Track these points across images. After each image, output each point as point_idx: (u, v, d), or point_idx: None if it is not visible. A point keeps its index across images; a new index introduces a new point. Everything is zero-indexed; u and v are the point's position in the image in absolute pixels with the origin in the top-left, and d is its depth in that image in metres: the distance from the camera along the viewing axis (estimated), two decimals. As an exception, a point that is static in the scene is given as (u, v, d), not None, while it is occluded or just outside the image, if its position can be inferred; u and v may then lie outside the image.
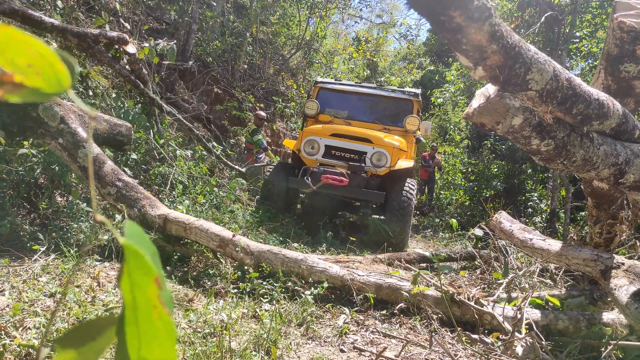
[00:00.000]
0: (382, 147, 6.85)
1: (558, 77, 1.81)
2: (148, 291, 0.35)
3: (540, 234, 3.80)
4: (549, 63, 1.76)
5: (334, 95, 8.28)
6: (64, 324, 2.53)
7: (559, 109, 1.92)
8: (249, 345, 2.65)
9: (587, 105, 2.00)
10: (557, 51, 11.61)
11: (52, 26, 4.70)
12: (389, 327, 3.30)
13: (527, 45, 1.67)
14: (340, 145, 6.93)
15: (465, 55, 1.56)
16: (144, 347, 0.38)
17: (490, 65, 1.60)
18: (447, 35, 1.48)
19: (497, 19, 1.50)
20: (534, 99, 1.83)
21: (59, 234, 4.23)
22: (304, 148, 7.01)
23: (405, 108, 8.05)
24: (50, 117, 4.40)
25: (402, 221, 6.49)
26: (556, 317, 3.30)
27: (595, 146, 2.24)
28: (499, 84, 1.73)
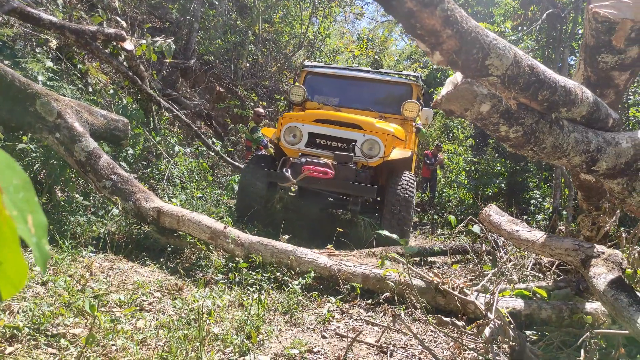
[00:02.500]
0: (374, 133, 6.01)
1: (519, 63, 1.85)
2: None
3: (526, 226, 3.83)
4: (509, 49, 1.81)
5: (323, 80, 7.43)
6: (50, 308, 2.60)
7: (523, 95, 1.97)
8: (231, 330, 2.71)
9: (552, 92, 2.04)
10: (560, 49, 11.59)
11: (50, 23, 4.80)
12: (373, 315, 3.36)
13: (485, 31, 1.72)
14: (326, 133, 6.10)
15: (421, 40, 1.61)
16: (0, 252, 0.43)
17: (447, 50, 1.65)
18: (401, 20, 1.53)
19: (450, 4, 1.55)
20: (496, 84, 1.87)
21: (56, 227, 4.32)
22: (284, 136, 6.16)
23: (404, 93, 7.18)
24: (48, 112, 4.49)
25: (401, 221, 5.74)
26: (539, 307, 3.33)
27: (565, 133, 2.27)
28: (459, 69, 1.78)
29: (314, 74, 7.47)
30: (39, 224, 0.49)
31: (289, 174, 5.65)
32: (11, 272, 0.46)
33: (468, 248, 5.39)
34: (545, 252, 3.44)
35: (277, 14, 13.91)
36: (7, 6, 4.46)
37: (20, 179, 0.47)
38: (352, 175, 5.75)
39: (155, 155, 6.47)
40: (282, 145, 6.20)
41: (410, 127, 7.02)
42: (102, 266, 3.78)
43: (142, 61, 6.23)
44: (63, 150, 4.49)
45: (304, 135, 6.10)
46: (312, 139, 6.12)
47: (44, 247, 0.49)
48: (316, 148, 6.09)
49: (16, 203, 0.46)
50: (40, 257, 0.49)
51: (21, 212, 0.46)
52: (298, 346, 2.65)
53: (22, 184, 0.47)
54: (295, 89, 7.08)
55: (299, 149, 6.11)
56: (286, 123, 6.20)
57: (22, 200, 0.47)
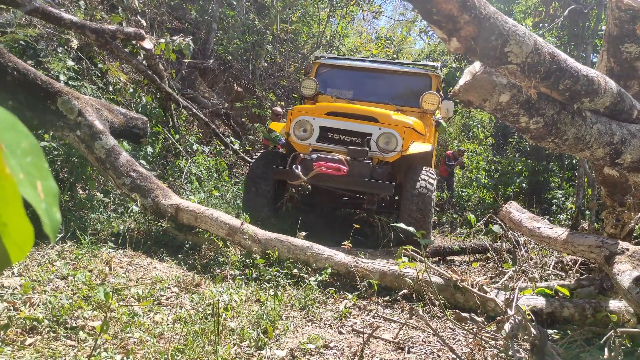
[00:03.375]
0: (391, 126, 5.58)
1: (540, 51, 1.81)
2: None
3: (548, 223, 3.76)
4: (529, 36, 1.77)
5: (336, 73, 6.97)
6: (69, 301, 2.63)
7: (544, 85, 1.92)
8: (247, 325, 2.71)
9: (574, 81, 1.98)
10: (582, 46, 11.38)
11: (71, 23, 4.87)
12: (391, 312, 3.32)
13: (504, 17, 1.68)
14: (339, 127, 5.67)
15: (437, 26, 1.58)
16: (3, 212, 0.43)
17: (465, 37, 1.62)
18: (417, 5, 1.50)
19: (468, -11, 1.52)
20: (516, 73, 1.83)
21: (77, 223, 4.38)
22: (294, 131, 5.75)
23: (422, 85, 6.69)
24: (69, 110, 4.55)
25: (420, 220, 5.31)
26: (561, 305, 3.26)
27: (588, 124, 2.22)
28: (477, 57, 1.74)
29: (327, 66, 7.05)
30: (49, 190, 0.48)
31: (299, 171, 5.29)
32: (16, 235, 0.45)
33: (488, 246, 5.31)
34: (568, 249, 3.37)
35: (295, 14, 13.94)
36: (29, 6, 4.53)
37: (28, 143, 0.46)
38: (368, 172, 5.37)
39: (174, 154, 6.52)
40: (292, 140, 5.83)
41: (429, 120, 6.60)
42: (121, 262, 3.82)
43: (161, 60, 6.30)
44: (84, 148, 4.55)
45: (315, 130, 5.71)
46: (324, 134, 5.73)
47: (54, 214, 0.48)
48: (328, 143, 5.71)
49: (24, 167, 0.45)
50: (50, 224, 0.48)
51: (29, 176, 0.45)
52: (314, 341, 2.63)
53: (31, 148, 0.46)
54: (307, 81, 6.67)
55: (310, 144, 5.73)
56: (296, 117, 5.79)
57: (30, 164, 0.46)
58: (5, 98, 4.39)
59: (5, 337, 2.23)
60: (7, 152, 0.43)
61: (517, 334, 2.23)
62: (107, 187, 5.43)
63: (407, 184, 5.58)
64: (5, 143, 0.44)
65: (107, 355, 2.15)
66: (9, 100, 4.40)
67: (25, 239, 0.45)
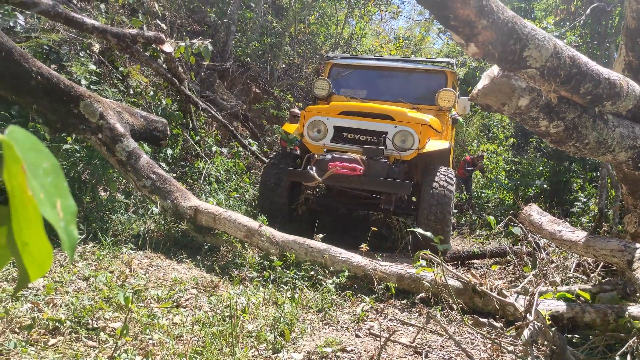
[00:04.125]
0: (407, 124, 5.48)
1: (559, 55, 1.78)
2: (18, 177, 0.42)
3: (569, 226, 3.70)
4: (549, 40, 1.75)
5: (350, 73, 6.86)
6: (91, 302, 2.68)
7: (564, 88, 1.90)
8: (264, 327, 2.72)
9: (595, 85, 1.95)
10: (605, 44, 11.16)
11: (92, 27, 4.96)
12: (408, 315, 3.31)
13: (522, 21, 1.66)
14: (353, 126, 5.59)
15: (455, 31, 1.57)
16: (25, 232, 0.44)
17: (483, 42, 1.61)
18: (433, 11, 1.49)
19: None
20: (535, 77, 1.81)
21: (98, 225, 4.46)
22: (308, 131, 5.68)
23: (438, 82, 6.57)
24: (91, 114, 4.64)
25: (439, 220, 5.17)
26: (583, 310, 3.20)
27: (610, 128, 2.18)
28: (495, 62, 1.73)
29: (340, 66, 6.96)
30: (68, 208, 0.49)
31: (313, 172, 5.20)
32: (36, 254, 0.46)
33: (507, 249, 5.25)
34: (589, 253, 3.31)
35: (313, 15, 13.96)
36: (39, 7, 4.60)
37: (49, 163, 0.47)
38: (384, 171, 5.24)
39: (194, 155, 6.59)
40: (306, 141, 5.75)
41: (446, 118, 6.46)
42: (141, 263, 3.88)
43: (180, 63, 6.37)
44: (105, 151, 4.62)
45: (329, 130, 5.63)
46: (339, 134, 5.64)
47: (72, 232, 0.49)
48: (343, 143, 5.61)
49: (44, 186, 0.47)
50: (68, 242, 0.49)
51: (49, 196, 0.47)
52: (331, 345, 2.63)
53: (51, 168, 0.48)
54: (320, 82, 6.59)
55: (325, 145, 5.63)
56: (309, 117, 5.71)
57: (50, 184, 0.48)
58: (29, 102, 4.49)
59: (29, 338, 2.28)
60: (29, 174, 0.44)
61: (537, 340, 2.20)
62: (128, 189, 5.52)
63: (425, 183, 5.44)
64: (28, 164, 0.45)
65: (127, 356, 2.19)
66: (34, 104, 4.50)
67: (44, 258, 0.46)
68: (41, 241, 0.44)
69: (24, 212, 0.43)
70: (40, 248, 0.45)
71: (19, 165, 0.42)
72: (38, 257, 0.46)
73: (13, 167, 0.42)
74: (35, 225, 0.43)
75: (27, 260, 0.46)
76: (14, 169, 0.42)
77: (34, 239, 0.44)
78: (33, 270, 0.47)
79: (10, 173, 0.42)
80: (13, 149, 0.42)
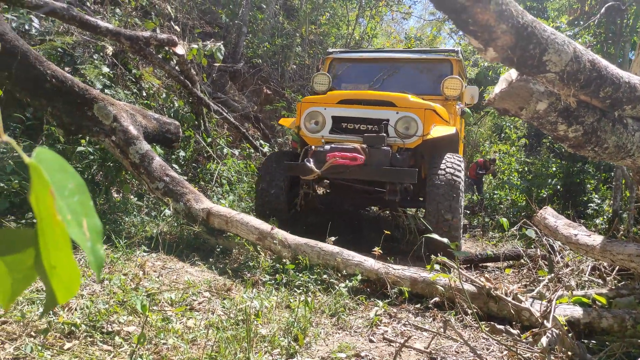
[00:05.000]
0: (410, 109, 5.17)
1: (579, 59, 1.75)
2: (47, 201, 0.41)
3: (585, 230, 3.65)
4: (569, 44, 1.72)
5: (351, 67, 6.57)
6: (105, 306, 2.69)
7: (583, 92, 1.87)
8: (278, 332, 2.72)
9: (615, 89, 1.92)
10: (620, 43, 11.03)
11: (106, 30, 4.99)
12: (422, 320, 3.28)
13: (542, 25, 1.64)
14: (353, 115, 5.27)
15: (473, 36, 1.55)
16: (53, 255, 0.43)
17: (502, 46, 1.58)
18: (452, 16, 1.47)
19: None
20: (554, 81, 1.78)
21: (112, 227, 4.48)
22: (305, 123, 5.38)
23: (443, 71, 6.27)
24: (104, 116, 4.67)
25: (448, 210, 4.82)
26: (599, 315, 3.15)
27: (630, 132, 2.14)
28: (514, 66, 1.70)
29: (340, 60, 6.63)
30: (94, 227, 0.49)
31: (311, 164, 4.88)
32: (65, 277, 0.46)
33: (522, 252, 5.19)
34: (606, 257, 3.27)
35: (324, 16, 13.95)
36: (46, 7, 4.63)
37: (74, 183, 0.47)
38: (386, 159, 4.90)
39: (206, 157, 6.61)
40: (303, 134, 5.41)
41: (453, 107, 6.07)
42: (154, 265, 3.89)
43: (192, 65, 6.40)
44: (118, 153, 4.65)
45: (328, 120, 5.31)
46: (337, 124, 5.32)
47: (98, 251, 0.49)
48: (343, 134, 5.28)
49: (71, 207, 0.46)
50: (95, 262, 0.49)
51: (76, 216, 0.46)
52: (345, 350, 2.62)
53: (77, 188, 0.47)
54: (319, 77, 6.21)
55: (323, 137, 5.31)
56: (306, 108, 5.39)
57: (76, 203, 0.47)
58: (44, 104, 4.54)
59: (45, 342, 2.30)
60: (57, 195, 0.44)
61: (554, 348, 2.17)
62: (141, 191, 5.55)
63: (431, 170, 5.13)
64: (55, 185, 0.45)
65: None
66: (48, 107, 4.54)
67: (72, 280, 0.45)
68: (70, 265, 0.44)
69: (52, 235, 0.42)
70: (69, 271, 0.45)
71: (47, 189, 0.41)
72: (66, 280, 0.45)
73: (41, 191, 0.41)
74: (64, 248, 0.43)
75: (55, 283, 0.45)
76: (42, 192, 0.41)
77: (63, 262, 0.43)
78: (61, 292, 0.46)
79: (38, 197, 0.42)
80: (41, 173, 0.41)
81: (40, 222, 0.42)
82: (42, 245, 0.43)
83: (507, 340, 2.61)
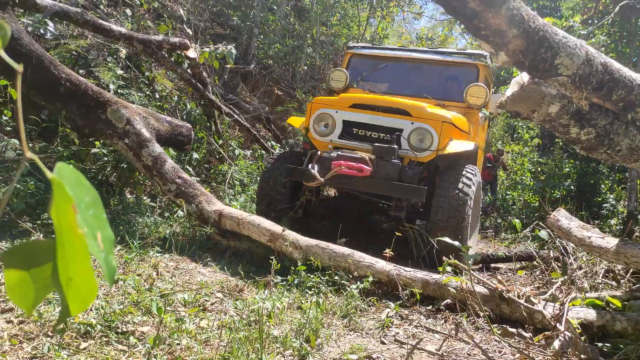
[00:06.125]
0: (425, 121, 4.79)
1: (591, 62, 1.75)
2: (68, 215, 0.43)
3: (599, 232, 3.62)
4: (581, 47, 1.71)
5: (370, 63, 6.21)
6: (120, 306, 2.73)
7: (596, 95, 1.86)
8: (290, 333, 2.73)
9: (628, 91, 1.91)
10: (635, 42, 10.90)
11: (119, 34, 5.05)
12: (434, 322, 3.28)
13: (553, 29, 1.63)
14: (365, 121, 4.95)
15: (485, 40, 1.56)
16: (71, 267, 0.45)
17: (513, 50, 1.59)
18: (463, 21, 1.48)
19: (516, 2, 1.48)
20: (566, 84, 1.78)
21: (125, 228, 4.54)
22: (314, 125, 5.08)
23: (468, 76, 5.82)
24: (118, 119, 4.73)
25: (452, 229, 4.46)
26: (613, 318, 3.13)
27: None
28: (526, 70, 1.70)
29: (360, 56, 6.27)
30: (107, 239, 0.50)
31: (315, 171, 4.62)
32: (82, 288, 0.47)
33: (534, 254, 5.16)
34: (620, 260, 3.24)
35: (335, 16, 13.96)
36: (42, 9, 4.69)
37: (90, 196, 0.49)
38: (395, 173, 4.61)
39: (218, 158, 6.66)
40: (312, 136, 5.12)
41: (475, 117, 5.69)
42: (167, 266, 3.93)
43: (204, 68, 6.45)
44: (131, 155, 4.71)
45: (338, 124, 5.00)
46: (348, 129, 5.01)
47: (111, 262, 0.51)
48: (353, 140, 4.97)
49: (87, 220, 0.48)
50: (108, 272, 0.50)
51: (91, 228, 0.48)
52: (357, 352, 2.63)
53: (92, 201, 0.49)
54: (336, 73, 5.85)
55: (332, 141, 5.01)
56: (316, 109, 5.08)
57: (92, 217, 0.49)
58: (59, 108, 4.60)
59: (61, 341, 2.34)
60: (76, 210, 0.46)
61: (567, 351, 2.16)
62: (154, 192, 5.61)
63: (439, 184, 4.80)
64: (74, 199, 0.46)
65: (156, 361, 2.22)
66: (63, 110, 4.61)
67: (89, 292, 0.47)
68: (88, 277, 0.45)
69: (71, 248, 0.44)
70: (86, 283, 0.47)
71: (69, 204, 0.43)
72: (83, 292, 0.47)
73: (63, 205, 0.43)
74: (83, 261, 0.44)
75: (71, 295, 0.47)
76: (63, 207, 0.43)
77: (81, 274, 0.45)
78: (76, 304, 0.48)
79: (60, 211, 0.44)
80: (64, 188, 0.43)
81: (60, 235, 0.44)
82: (60, 257, 0.45)
83: (520, 343, 2.61)
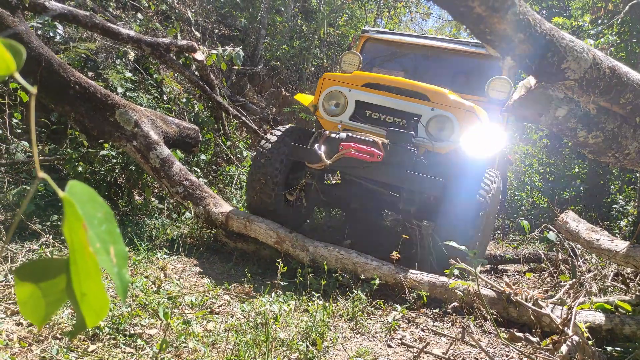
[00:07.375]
0: (447, 108, 4.31)
1: (599, 66, 1.74)
2: (79, 234, 0.44)
3: (607, 235, 3.60)
4: (588, 51, 1.71)
5: (386, 49, 5.79)
6: (128, 309, 2.75)
7: (603, 99, 1.85)
8: (296, 336, 2.74)
9: (636, 95, 1.90)
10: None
11: (127, 37, 5.09)
12: (441, 325, 3.28)
13: (560, 33, 1.63)
14: (379, 102, 4.48)
15: (491, 45, 1.56)
16: (84, 283, 0.46)
17: (520, 55, 1.58)
18: (469, 26, 1.48)
19: (522, 7, 1.48)
20: (574, 88, 1.77)
21: (133, 229, 4.57)
22: (323, 104, 4.60)
23: (490, 68, 5.29)
24: (126, 122, 4.76)
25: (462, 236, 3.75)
26: (622, 322, 3.11)
27: (652, 138, 2.11)
28: (532, 74, 1.70)
29: (376, 41, 5.80)
30: (120, 254, 0.51)
31: (321, 152, 4.18)
32: (94, 303, 0.48)
33: (543, 256, 5.13)
34: (629, 263, 3.22)
35: (342, 17, 13.96)
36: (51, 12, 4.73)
37: (103, 212, 0.49)
38: (409, 162, 4.14)
39: (225, 160, 6.68)
40: (320, 116, 4.65)
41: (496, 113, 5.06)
42: (175, 268, 3.95)
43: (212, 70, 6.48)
44: (139, 157, 4.73)
45: (350, 104, 4.53)
46: (360, 110, 4.56)
47: (124, 276, 0.51)
48: (365, 122, 4.52)
49: (100, 235, 0.49)
50: (121, 286, 0.51)
51: (104, 243, 0.49)
52: (363, 355, 2.63)
53: (105, 217, 0.50)
54: (349, 56, 5.20)
55: (341, 122, 4.55)
56: (328, 86, 4.62)
57: (104, 232, 0.50)
58: (68, 110, 4.64)
59: (70, 344, 2.36)
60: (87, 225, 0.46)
61: (575, 356, 2.15)
62: (162, 193, 5.63)
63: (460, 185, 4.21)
64: (86, 216, 0.47)
65: (163, 364, 2.24)
66: (72, 113, 4.65)
67: (101, 307, 0.48)
68: (99, 292, 0.46)
69: (83, 265, 0.45)
70: (99, 298, 0.47)
71: (80, 222, 0.44)
72: (96, 306, 0.48)
73: (74, 224, 0.44)
74: (94, 277, 0.45)
75: (85, 309, 0.48)
76: (75, 225, 0.44)
77: (93, 290, 0.46)
78: (91, 317, 0.49)
79: (72, 229, 0.44)
80: (75, 208, 0.44)
81: (73, 252, 0.45)
82: (73, 273, 0.46)
83: (527, 347, 2.60)
